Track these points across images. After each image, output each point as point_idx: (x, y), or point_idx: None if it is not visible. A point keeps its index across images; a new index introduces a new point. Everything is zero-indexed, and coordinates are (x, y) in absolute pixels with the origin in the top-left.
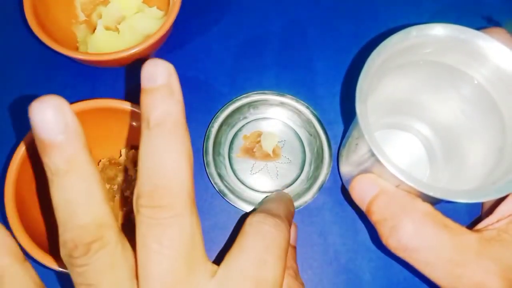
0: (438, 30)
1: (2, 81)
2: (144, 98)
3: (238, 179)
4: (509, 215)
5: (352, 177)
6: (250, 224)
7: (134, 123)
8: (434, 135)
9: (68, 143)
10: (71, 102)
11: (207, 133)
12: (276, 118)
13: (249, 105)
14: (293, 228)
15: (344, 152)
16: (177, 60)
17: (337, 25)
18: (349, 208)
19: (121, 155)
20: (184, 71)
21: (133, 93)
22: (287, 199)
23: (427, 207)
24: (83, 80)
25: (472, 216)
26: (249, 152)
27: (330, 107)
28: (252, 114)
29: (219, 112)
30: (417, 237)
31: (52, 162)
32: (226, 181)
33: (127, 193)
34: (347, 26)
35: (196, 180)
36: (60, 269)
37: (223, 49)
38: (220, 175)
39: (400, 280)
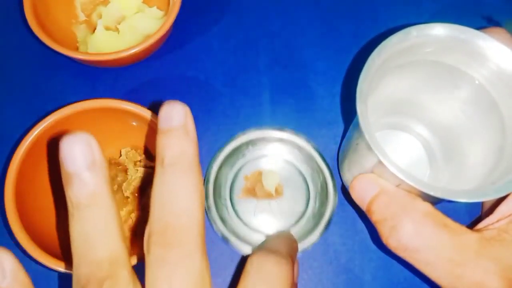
0: (438, 30)
1: (2, 81)
2: (160, 139)
3: (241, 221)
4: (509, 215)
5: (352, 177)
6: (251, 264)
7: (134, 123)
8: (434, 135)
9: (92, 179)
10: (71, 102)
11: (206, 176)
12: (277, 154)
13: (248, 143)
14: (295, 265)
15: (344, 153)
16: (177, 60)
17: (337, 25)
18: (349, 208)
19: (121, 155)
20: (184, 71)
21: (133, 93)
22: (289, 236)
23: (427, 206)
24: (83, 80)
25: (472, 216)
26: (251, 192)
27: (330, 107)
28: (251, 152)
29: (217, 152)
30: (417, 237)
31: (75, 195)
32: (229, 225)
33: (127, 193)
34: (347, 26)
35: None
36: (60, 269)
37: (223, 49)
38: (222, 219)
39: (400, 280)
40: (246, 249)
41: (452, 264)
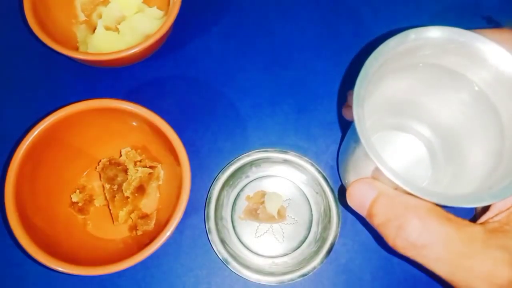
0: (437, 33)
1: (2, 81)
2: None
3: (242, 243)
4: (507, 209)
5: (352, 180)
6: None
7: (134, 123)
8: (435, 135)
9: None
10: (71, 102)
11: (208, 197)
12: (280, 176)
13: (251, 163)
14: None
15: (343, 156)
16: (177, 60)
17: (337, 26)
18: (349, 208)
19: (121, 155)
20: (184, 71)
21: (133, 93)
22: None
23: (429, 203)
24: (83, 80)
25: (467, 213)
26: (253, 213)
27: (330, 107)
28: (254, 173)
29: (220, 173)
30: (424, 232)
31: None
32: (229, 247)
33: (127, 193)
34: (347, 26)
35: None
36: (60, 268)
37: (223, 49)
38: (222, 241)
39: (400, 280)
40: (246, 273)
41: (462, 257)
